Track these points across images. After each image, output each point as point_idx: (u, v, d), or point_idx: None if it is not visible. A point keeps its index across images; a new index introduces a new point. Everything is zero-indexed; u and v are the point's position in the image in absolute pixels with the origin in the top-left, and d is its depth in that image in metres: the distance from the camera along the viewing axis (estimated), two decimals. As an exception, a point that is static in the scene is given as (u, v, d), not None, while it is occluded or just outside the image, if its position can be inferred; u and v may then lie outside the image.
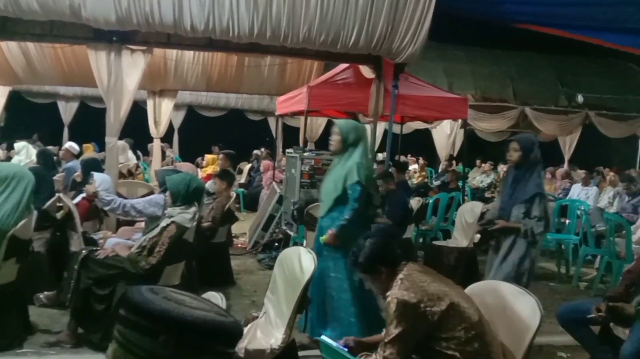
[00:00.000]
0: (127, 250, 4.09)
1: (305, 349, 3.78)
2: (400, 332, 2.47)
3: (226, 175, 6.18)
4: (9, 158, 9.80)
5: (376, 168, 8.30)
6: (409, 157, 15.13)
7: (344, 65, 7.61)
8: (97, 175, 5.16)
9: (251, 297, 5.40)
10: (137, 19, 5.51)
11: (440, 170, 12.98)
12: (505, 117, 12.36)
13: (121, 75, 6.03)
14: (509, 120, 12.39)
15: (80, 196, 5.46)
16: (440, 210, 7.69)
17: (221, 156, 8.49)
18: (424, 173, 13.54)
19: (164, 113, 10.83)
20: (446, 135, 13.35)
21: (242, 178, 12.58)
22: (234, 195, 6.32)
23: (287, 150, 8.08)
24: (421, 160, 14.34)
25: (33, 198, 3.92)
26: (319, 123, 11.76)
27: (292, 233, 6.77)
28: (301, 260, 3.32)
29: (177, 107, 13.79)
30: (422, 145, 14.59)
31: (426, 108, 7.89)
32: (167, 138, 13.76)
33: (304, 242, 5.81)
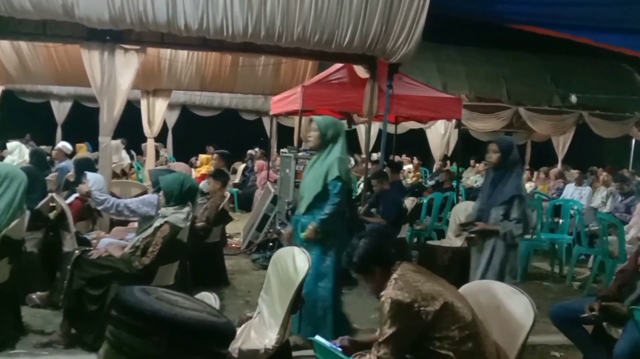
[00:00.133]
0: (121, 250, 4.07)
1: (299, 349, 3.77)
2: (394, 332, 2.47)
3: (220, 175, 6.17)
4: (1, 158, 9.75)
5: (370, 168, 8.36)
6: (404, 157, 15.15)
7: (339, 65, 7.61)
8: (90, 175, 5.13)
9: (245, 297, 5.39)
10: (130, 18, 5.49)
11: (434, 170, 13.00)
12: (499, 117, 12.40)
13: (114, 75, 6.01)
14: (502, 120, 12.43)
15: (73, 196, 5.44)
16: (434, 209, 7.70)
17: (215, 156, 8.47)
18: (418, 173, 13.56)
19: (157, 113, 10.80)
20: (440, 135, 13.38)
21: (237, 178, 12.55)
22: (228, 195, 6.31)
23: (282, 150, 8.06)
24: (415, 160, 14.37)
25: (25, 198, 3.90)
26: (314, 123, 11.70)
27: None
28: (295, 260, 3.31)
29: (171, 106, 13.75)
30: (417, 145, 14.60)
31: (420, 108, 7.90)
32: (161, 138, 13.74)
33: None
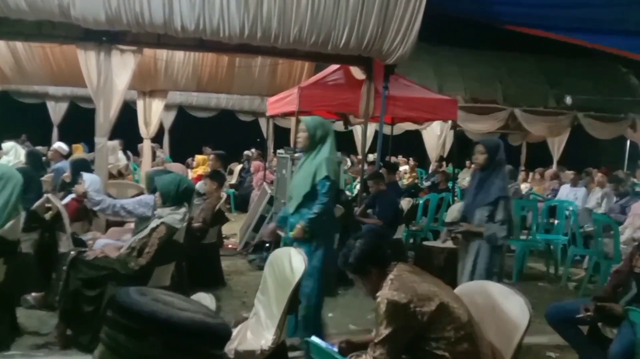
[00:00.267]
0: (117, 251, 4.06)
1: (295, 350, 3.77)
2: (391, 332, 2.48)
3: (217, 176, 6.17)
4: (-3, 159, 9.70)
5: (367, 169, 8.36)
6: (400, 158, 15.17)
7: (335, 66, 7.61)
8: (86, 176, 5.12)
9: (242, 298, 5.38)
10: (127, 18, 5.49)
11: (430, 171, 13.03)
12: (495, 118, 12.42)
13: (111, 76, 6.01)
14: (498, 122, 12.45)
15: (69, 196, 5.43)
16: (430, 210, 7.72)
17: (212, 157, 8.46)
18: (414, 174, 13.57)
19: (154, 114, 10.76)
20: (436, 136, 13.39)
21: (233, 179, 12.55)
22: (224, 195, 6.30)
23: (278, 151, 8.07)
24: (411, 161, 14.39)
25: (21, 199, 3.90)
26: (310, 124, 11.69)
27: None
28: (292, 261, 3.31)
29: (167, 107, 13.70)
30: (413, 146, 14.62)
31: (416, 109, 7.90)
32: (157, 138, 13.69)
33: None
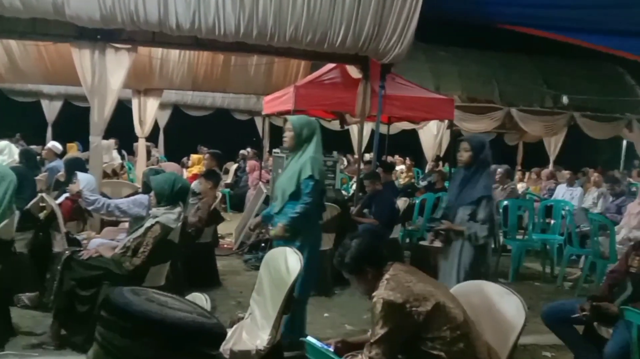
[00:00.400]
0: (111, 250, 4.04)
1: (291, 350, 3.75)
2: (386, 332, 2.47)
3: (212, 175, 6.14)
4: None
5: (363, 168, 8.35)
6: (396, 158, 15.16)
7: (331, 65, 7.59)
8: (81, 175, 5.10)
9: (237, 298, 5.36)
10: (121, 17, 5.46)
11: (426, 171, 13.01)
12: (491, 118, 12.41)
13: (105, 74, 5.98)
14: (495, 121, 12.45)
15: (63, 196, 5.40)
16: (426, 210, 7.70)
17: (207, 156, 8.43)
18: (410, 173, 13.57)
19: (149, 113, 10.73)
20: (433, 136, 13.39)
21: (229, 179, 12.52)
22: (219, 195, 6.28)
23: (274, 150, 8.04)
24: (408, 161, 14.38)
25: (15, 198, 3.87)
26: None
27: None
28: (287, 261, 3.30)
29: (162, 106, 13.67)
30: (409, 145, 14.61)
31: (413, 108, 7.90)
32: (152, 137, 13.66)
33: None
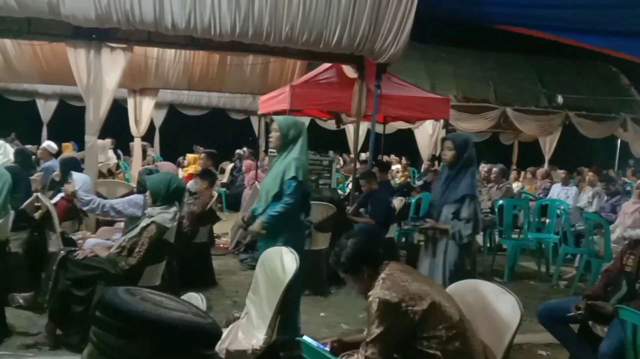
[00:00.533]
0: (107, 250, 4.03)
1: (286, 349, 3.75)
2: (382, 331, 2.48)
3: (207, 175, 6.14)
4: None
5: (359, 168, 8.35)
6: (392, 157, 15.18)
7: (327, 65, 7.60)
8: (76, 175, 5.08)
9: (233, 298, 5.36)
10: (117, 16, 5.44)
11: (422, 170, 13.03)
12: (487, 118, 12.45)
13: (101, 74, 5.96)
14: (490, 121, 12.49)
15: (58, 195, 5.39)
16: (422, 209, 7.71)
17: (202, 155, 8.43)
18: (406, 173, 13.60)
19: (144, 112, 10.70)
20: (428, 135, 13.40)
21: (225, 178, 12.50)
22: (215, 194, 6.28)
23: (270, 150, 8.02)
24: (404, 160, 14.41)
25: (10, 198, 3.86)
26: (302, 123, 11.67)
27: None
28: (283, 260, 3.30)
29: (158, 105, 13.65)
30: (405, 145, 14.63)
31: (409, 108, 7.91)
32: (148, 137, 13.63)
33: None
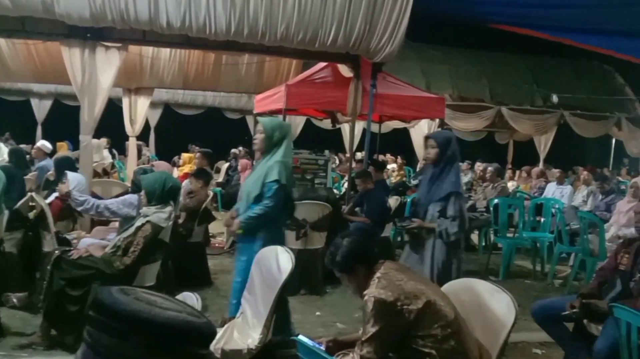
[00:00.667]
0: (101, 250, 4.02)
1: (282, 348, 3.75)
2: (378, 330, 2.48)
3: (202, 174, 6.13)
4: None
5: (354, 167, 8.35)
6: (387, 156, 15.19)
7: (322, 64, 7.59)
8: (71, 175, 5.06)
9: (228, 297, 5.32)
10: (112, 15, 5.43)
11: (418, 169, 13.03)
12: (482, 117, 12.47)
13: (95, 73, 5.94)
14: (485, 120, 12.51)
15: (53, 195, 5.37)
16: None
17: (198, 155, 8.41)
18: (402, 172, 13.60)
19: (140, 112, 10.68)
20: (424, 134, 13.40)
21: (220, 177, 12.47)
22: (211, 194, 6.27)
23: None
24: (399, 159, 14.42)
25: (4, 198, 3.85)
26: (297, 122, 11.69)
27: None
28: (278, 260, 3.29)
29: (153, 105, 13.61)
30: (400, 144, 14.62)
31: (404, 107, 7.91)
32: (143, 136, 13.60)
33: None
